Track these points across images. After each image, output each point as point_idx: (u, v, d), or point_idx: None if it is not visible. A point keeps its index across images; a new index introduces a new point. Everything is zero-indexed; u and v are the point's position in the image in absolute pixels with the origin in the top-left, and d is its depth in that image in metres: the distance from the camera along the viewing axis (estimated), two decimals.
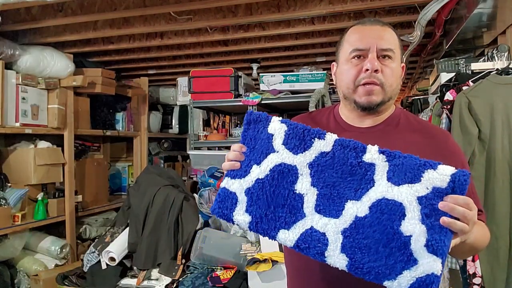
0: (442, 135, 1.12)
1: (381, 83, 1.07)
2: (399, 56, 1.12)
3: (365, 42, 1.08)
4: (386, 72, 1.08)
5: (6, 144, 3.39)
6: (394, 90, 1.11)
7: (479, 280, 1.96)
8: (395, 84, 1.11)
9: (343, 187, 0.93)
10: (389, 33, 1.12)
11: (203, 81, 3.57)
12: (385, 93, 1.09)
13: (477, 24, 2.35)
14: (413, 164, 0.89)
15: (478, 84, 2.00)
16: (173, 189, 2.83)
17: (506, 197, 1.91)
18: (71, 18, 2.82)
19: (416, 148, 1.01)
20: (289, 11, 2.72)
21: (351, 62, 1.10)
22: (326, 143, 0.96)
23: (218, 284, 2.33)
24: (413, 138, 1.09)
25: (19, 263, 3.16)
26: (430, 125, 1.16)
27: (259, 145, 1.00)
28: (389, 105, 1.14)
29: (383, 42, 1.09)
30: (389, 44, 1.09)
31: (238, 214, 0.99)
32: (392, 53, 1.10)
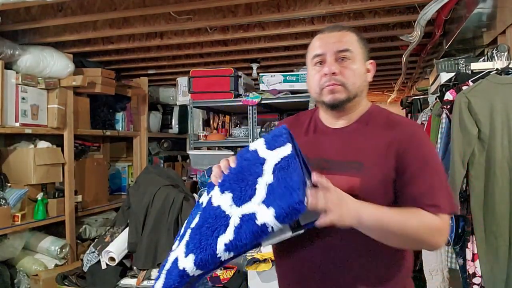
0: (409, 129, 1.15)
1: (342, 83, 1.15)
2: (360, 56, 1.18)
3: (323, 48, 1.18)
4: (346, 73, 1.15)
5: (6, 144, 3.39)
6: (359, 88, 1.17)
7: (479, 280, 1.96)
8: (359, 82, 1.17)
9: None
10: (347, 35, 1.18)
11: (203, 81, 3.57)
12: (349, 91, 1.15)
13: (477, 24, 2.35)
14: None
15: (478, 84, 2.00)
16: (173, 189, 2.83)
17: (506, 197, 1.91)
18: (71, 18, 2.82)
19: (383, 144, 1.10)
20: (289, 11, 2.72)
21: (314, 69, 1.21)
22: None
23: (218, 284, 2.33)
24: (382, 134, 1.13)
25: (19, 263, 3.16)
26: (400, 120, 1.19)
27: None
28: (357, 103, 1.19)
29: (339, 44, 1.16)
30: (345, 45, 1.16)
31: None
32: (350, 53, 1.16)
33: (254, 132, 3.41)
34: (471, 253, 1.98)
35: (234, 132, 3.85)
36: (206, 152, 3.72)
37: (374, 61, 1.23)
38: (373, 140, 1.13)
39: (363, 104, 1.21)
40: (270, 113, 4.33)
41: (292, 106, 4.01)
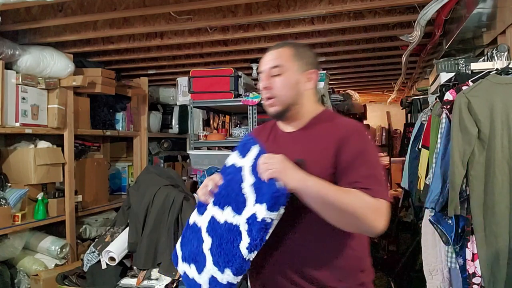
0: (349, 129, 1.27)
1: (273, 95, 1.31)
2: (292, 68, 1.31)
3: (261, 66, 1.35)
4: (276, 86, 1.31)
5: (6, 144, 3.39)
6: (293, 97, 1.31)
7: (478, 279, 1.96)
8: (290, 92, 1.31)
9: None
10: (280, 52, 1.33)
11: (203, 81, 3.57)
12: (282, 102, 1.31)
13: (476, 24, 2.35)
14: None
15: (478, 84, 2.00)
16: (173, 189, 2.83)
17: (506, 197, 1.91)
18: (71, 18, 2.82)
19: (326, 144, 1.25)
20: (289, 11, 2.72)
21: (260, 85, 1.36)
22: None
23: None
24: (326, 136, 1.27)
25: (19, 263, 3.16)
26: (344, 122, 1.31)
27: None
28: (299, 109, 1.33)
29: (271, 62, 1.33)
30: (275, 62, 1.32)
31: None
32: (279, 68, 1.31)
33: None
34: (471, 253, 1.98)
35: (234, 132, 3.85)
36: (206, 152, 3.72)
37: (316, 70, 1.34)
38: (317, 141, 1.28)
39: (311, 110, 1.35)
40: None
41: None
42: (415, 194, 2.68)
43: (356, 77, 5.41)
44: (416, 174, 2.63)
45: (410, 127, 3.79)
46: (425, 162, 2.46)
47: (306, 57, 1.34)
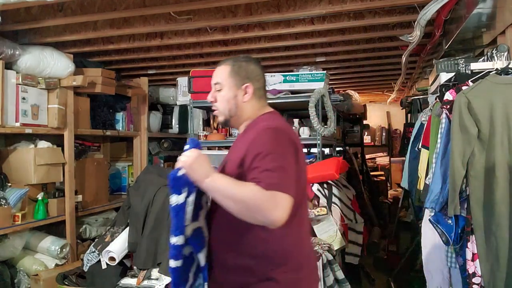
0: (258, 129, 1.41)
1: (217, 107, 1.56)
2: (229, 84, 1.52)
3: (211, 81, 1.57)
4: (218, 100, 1.55)
5: (6, 144, 3.39)
6: (231, 110, 1.53)
7: (478, 279, 1.96)
8: (228, 106, 1.53)
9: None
10: (220, 69, 1.55)
11: (203, 81, 3.57)
12: (223, 113, 1.55)
13: (476, 24, 2.35)
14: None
15: (478, 84, 2.00)
16: None
17: (506, 197, 1.91)
18: (71, 18, 2.82)
19: (245, 145, 1.39)
20: (288, 11, 2.72)
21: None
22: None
23: None
24: (247, 138, 1.42)
25: (19, 263, 3.16)
26: (260, 125, 1.45)
27: None
28: (239, 118, 1.55)
29: (214, 78, 1.56)
30: (216, 79, 1.55)
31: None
32: (219, 85, 1.54)
33: None
34: (471, 253, 1.98)
35: (234, 132, 3.85)
36: (206, 152, 3.72)
37: (249, 84, 1.51)
38: (241, 144, 1.45)
39: (252, 116, 1.53)
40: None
41: (292, 106, 4.02)
42: (415, 194, 2.68)
43: (356, 77, 5.41)
44: (416, 174, 2.64)
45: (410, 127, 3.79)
46: (425, 162, 2.47)
47: (243, 72, 1.53)
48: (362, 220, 2.97)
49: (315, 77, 3.36)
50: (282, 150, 1.34)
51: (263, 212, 1.23)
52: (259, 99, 1.55)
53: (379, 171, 7.72)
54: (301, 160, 1.44)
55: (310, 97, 3.18)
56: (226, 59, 1.57)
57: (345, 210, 2.83)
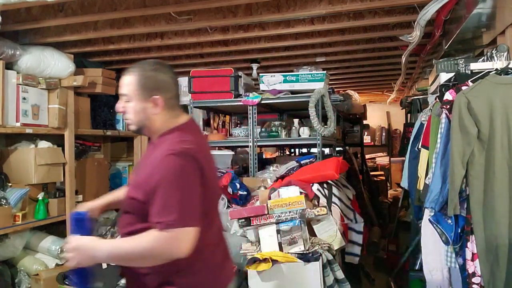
0: (160, 155, 1.37)
1: (126, 118, 1.51)
2: (137, 97, 1.46)
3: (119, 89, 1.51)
4: (128, 111, 1.49)
5: (7, 144, 3.39)
6: (141, 121, 1.48)
7: (478, 279, 1.96)
8: (138, 117, 1.48)
9: None
10: (128, 79, 1.48)
11: (203, 81, 3.57)
12: (133, 124, 1.50)
13: (476, 24, 2.35)
14: None
15: (478, 84, 2.00)
16: None
17: (505, 197, 1.91)
18: (72, 18, 2.83)
19: (150, 161, 1.40)
20: (289, 11, 2.72)
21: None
22: None
23: None
24: (154, 157, 1.39)
25: (19, 263, 3.17)
26: (166, 143, 1.42)
27: None
28: (149, 129, 1.50)
29: (121, 89, 1.49)
30: (124, 90, 1.48)
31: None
32: (126, 96, 1.48)
33: (254, 132, 3.42)
34: (470, 253, 1.98)
35: (234, 132, 3.86)
36: None
37: (159, 96, 1.45)
38: (150, 160, 1.42)
39: (163, 128, 1.48)
40: (270, 113, 4.34)
41: (292, 106, 4.02)
42: (414, 194, 2.68)
43: (356, 77, 5.41)
44: (415, 174, 2.64)
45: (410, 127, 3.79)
46: (425, 162, 2.47)
47: (151, 84, 1.46)
48: (362, 220, 2.97)
49: (315, 77, 3.36)
50: (183, 180, 1.33)
51: (167, 255, 1.30)
52: (171, 109, 1.51)
53: (379, 171, 7.73)
54: (210, 174, 1.45)
55: (310, 97, 3.18)
56: (133, 68, 1.50)
57: (345, 210, 2.83)
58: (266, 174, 3.34)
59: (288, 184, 2.68)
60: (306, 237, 2.36)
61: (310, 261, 2.22)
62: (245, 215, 2.41)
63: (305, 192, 2.66)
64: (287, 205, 2.40)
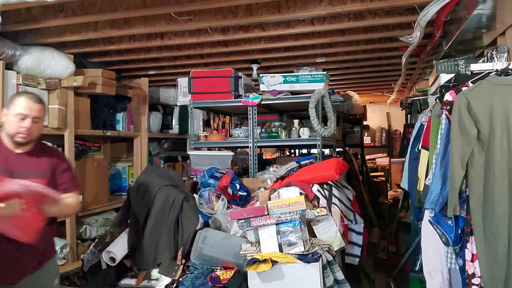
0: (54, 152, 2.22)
1: (31, 133, 1.97)
2: (43, 119, 2.10)
3: (27, 111, 1.95)
4: (36, 128, 2.00)
5: None
6: (38, 135, 2.04)
7: (478, 280, 1.96)
8: (39, 133, 2.04)
9: None
10: (42, 107, 2.02)
11: (203, 82, 3.57)
12: (32, 138, 1.99)
13: (476, 25, 2.35)
14: None
15: (478, 85, 2.00)
16: (173, 189, 2.83)
17: (505, 198, 1.91)
18: (72, 19, 2.83)
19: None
20: (289, 12, 2.72)
21: (24, 124, 1.98)
22: None
23: (218, 284, 2.33)
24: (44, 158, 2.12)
25: None
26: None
27: None
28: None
29: (38, 114, 1.99)
30: (39, 114, 1.99)
31: None
32: (40, 119, 2.00)
33: (254, 132, 3.42)
34: (470, 254, 1.98)
35: (234, 132, 3.86)
36: (206, 152, 3.72)
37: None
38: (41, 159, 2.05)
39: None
40: (270, 113, 4.34)
41: (292, 107, 4.02)
42: (415, 195, 2.68)
43: (356, 78, 5.41)
44: (416, 175, 2.64)
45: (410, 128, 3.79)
46: (425, 163, 2.47)
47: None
48: (362, 221, 2.97)
49: (315, 78, 3.36)
50: None
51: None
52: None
53: (379, 171, 7.73)
54: None
55: (310, 97, 3.18)
56: (39, 100, 2.00)
57: (345, 211, 2.83)
58: (266, 174, 3.33)
59: (288, 185, 2.68)
60: (306, 238, 2.36)
61: (310, 262, 2.22)
62: (245, 216, 2.41)
63: (305, 193, 2.66)
64: (287, 206, 2.40)
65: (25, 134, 1.93)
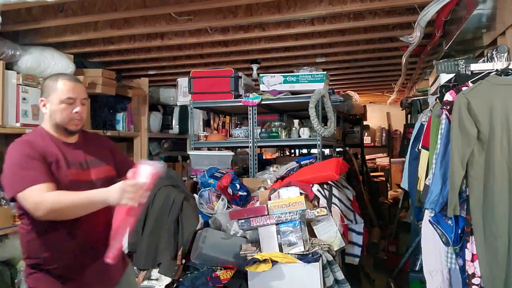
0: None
1: (81, 118, 1.78)
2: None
3: (74, 94, 1.73)
4: (84, 111, 1.80)
5: (7, 144, 3.36)
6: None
7: (478, 280, 1.96)
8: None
9: None
10: (82, 86, 1.82)
11: (203, 82, 3.57)
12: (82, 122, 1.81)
13: (476, 25, 2.35)
14: None
15: (478, 85, 2.00)
16: (173, 189, 2.83)
17: (505, 198, 1.91)
18: (72, 19, 2.83)
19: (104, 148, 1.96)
20: (289, 12, 2.72)
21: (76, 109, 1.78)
22: None
23: (218, 284, 2.33)
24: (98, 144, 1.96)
25: (19, 263, 3.16)
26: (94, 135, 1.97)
27: None
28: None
29: (82, 94, 1.77)
30: (85, 95, 1.81)
31: None
32: (86, 100, 1.80)
33: (254, 132, 3.42)
34: (470, 254, 1.98)
35: (234, 132, 3.86)
36: (206, 152, 3.72)
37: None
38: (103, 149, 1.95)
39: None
40: (270, 113, 4.35)
41: (292, 107, 4.02)
42: (415, 195, 2.68)
43: (356, 78, 5.41)
44: (416, 175, 2.64)
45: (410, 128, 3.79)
46: (425, 163, 2.47)
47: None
48: (362, 221, 2.97)
49: (315, 78, 3.36)
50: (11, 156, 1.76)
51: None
52: None
53: (379, 171, 7.72)
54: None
55: (310, 97, 3.18)
56: (77, 78, 1.85)
57: (345, 211, 2.83)
58: (266, 174, 3.34)
59: (288, 185, 2.68)
60: (306, 238, 2.36)
61: (310, 262, 2.22)
62: (245, 216, 2.41)
63: (305, 192, 2.66)
64: (287, 205, 2.40)
65: (79, 119, 1.74)
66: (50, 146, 1.69)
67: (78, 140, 1.81)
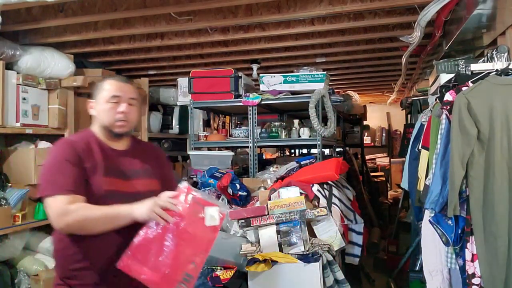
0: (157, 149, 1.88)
1: (127, 120, 1.67)
2: (138, 103, 1.75)
3: (120, 92, 1.68)
4: (132, 112, 1.70)
5: (7, 144, 3.39)
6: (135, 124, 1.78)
7: (478, 280, 1.96)
8: (136, 120, 1.77)
9: None
10: (132, 87, 1.77)
11: (203, 82, 3.57)
12: (132, 126, 1.72)
13: (476, 25, 2.35)
14: None
15: (478, 85, 2.00)
16: None
17: (505, 198, 1.91)
18: (72, 19, 2.83)
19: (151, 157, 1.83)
20: (289, 12, 2.72)
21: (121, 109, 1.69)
22: None
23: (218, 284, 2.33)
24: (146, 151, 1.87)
25: (19, 263, 3.16)
26: (142, 142, 1.91)
27: None
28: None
29: (131, 94, 1.72)
30: (134, 94, 1.74)
31: None
32: (136, 101, 1.72)
33: (254, 132, 3.42)
34: (470, 254, 1.98)
35: (234, 132, 3.86)
36: (206, 152, 3.72)
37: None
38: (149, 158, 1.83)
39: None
40: (270, 113, 4.34)
41: (292, 107, 4.02)
42: (415, 195, 2.68)
43: (356, 78, 5.41)
44: (416, 175, 2.64)
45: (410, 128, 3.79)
46: (425, 163, 2.47)
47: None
48: (362, 221, 2.97)
49: (315, 77, 3.36)
50: (51, 158, 1.67)
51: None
52: None
53: (379, 171, 7.73)
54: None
55: (310, 97, 3.18)
56: (128, 80, 1.82)
57: (345, 211, 2.83)
58: (266, 174, 3.33)
59: (288, 185, 2.68)
60: (306, 237, 2.36)
61: (310, 262, 2.22)
62: (245, 215, 2.41)
63: (305, 192, 2.65)
64: (287, 205, 2.40)
65: (124, 120, 1.63)
66: (92, 150, 1.60)
67: (128, 148, 1.71)
